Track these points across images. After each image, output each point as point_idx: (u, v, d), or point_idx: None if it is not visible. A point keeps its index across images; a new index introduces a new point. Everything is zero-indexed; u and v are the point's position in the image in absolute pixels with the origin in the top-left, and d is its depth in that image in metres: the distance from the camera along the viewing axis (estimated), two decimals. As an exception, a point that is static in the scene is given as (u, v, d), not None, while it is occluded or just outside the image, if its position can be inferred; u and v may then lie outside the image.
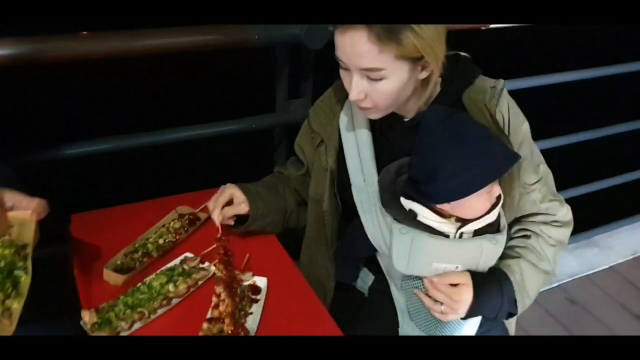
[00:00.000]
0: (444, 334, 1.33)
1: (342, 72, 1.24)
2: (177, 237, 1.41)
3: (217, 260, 1.32)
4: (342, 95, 1.39)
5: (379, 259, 1.38)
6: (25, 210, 1.07)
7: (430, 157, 1.18)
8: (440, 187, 1.16)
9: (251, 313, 1.22)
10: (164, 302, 1.21)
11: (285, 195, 1.53)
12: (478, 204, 1.20)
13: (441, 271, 1.25)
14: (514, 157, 1.18)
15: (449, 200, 1.18)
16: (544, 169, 1.37)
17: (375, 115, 1.28)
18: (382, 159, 1.34)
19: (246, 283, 1.29)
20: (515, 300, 1.30)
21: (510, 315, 1.33)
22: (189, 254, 1.37)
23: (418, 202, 1.22)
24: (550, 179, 1.39)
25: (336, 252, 1.47)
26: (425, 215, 1.22)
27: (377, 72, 1.16)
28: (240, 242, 1.45)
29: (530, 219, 1.38)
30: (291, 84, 1.76)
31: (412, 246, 1.23)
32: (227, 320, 1.15)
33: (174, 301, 1.23)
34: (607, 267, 2.88)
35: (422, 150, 1.20)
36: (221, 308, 1.19)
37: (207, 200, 1.52)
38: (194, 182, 1.58)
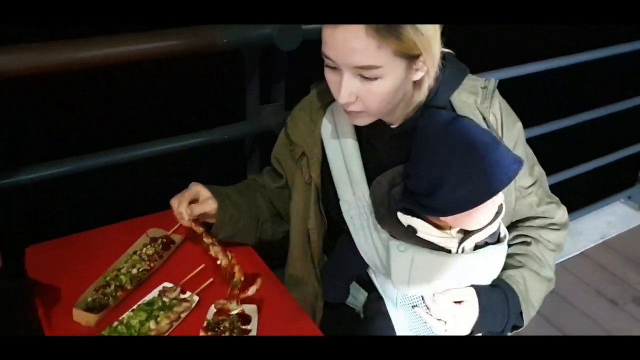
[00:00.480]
0: None
1: (328, 72, 1.13)
2: (152, 265, 1.29)
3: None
4: (324, 102, 1.29)
5: (372, 276, 1.28)
6: None
7: (433, 166, 1.08)
8: (446, 199, 1.06)
9: (243, 345, 1.10)
10: (146, 341, 1.09)
11: (258, 202, 1.41)
12: (482, 214, 1.12)
13: (444, 288, 1.17)
14: (521, 162, 1.10)
15: (455, 212, 1.08)
16: (539, 170, 1.31)
17: (363, 121, 1.18)
18: (370, 170, 1.24)
19: (234, 312, 1.17)
20: (521, 313, 1.24)
21: (515, 327, 1.26)
22: (167, 284, 1.24)
23: (418, 217, 1.13)
24: (544, 180, 1.33)
25: (323, 271, 1.36)
26: (426, 231, 1.13)
27: (373, 70, 1.06)
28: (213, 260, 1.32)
29: (528, 223, 1.32)
30: (261, 89, 1.64)
31: (412, 264, 1.13)
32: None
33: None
34: (578, 253, 2.89)
35: (423, 160, 1.10)
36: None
37: (174, 219, 1.39)
38: (163, 202, 1.45)
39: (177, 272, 1.28)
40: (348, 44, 1.03)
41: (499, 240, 1.19)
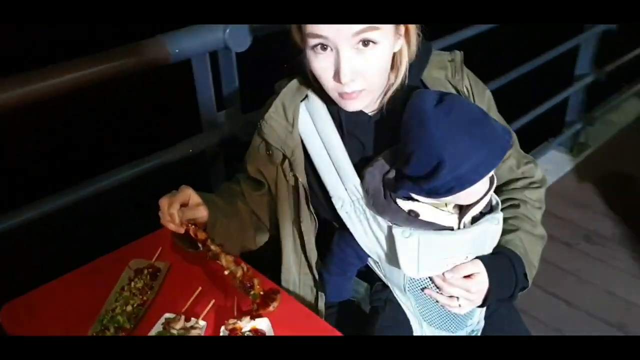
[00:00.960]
0: (463, 326, 1.27)
1: (318, 58, 1.11)
2: (145, 298, 1.22)
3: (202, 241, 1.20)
4: (296, 101, 1.25)
5: (374, 266, 1.27)
6: None
7: (432, 147, 1.06)
8: (448, 179, 1.05)
9: (266, 361, 1.06)
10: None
11: (240, 210, 1.35)
12: (479, 187, 1.12)
13: (451, 266, 1.17)
14: (510, 132, 1.11)
15: (459, 190, 1.07)
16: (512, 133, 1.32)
17: (362, 103, 1.16)
18: (356, 162, 1.22)
19: (246, 329, 1.13)
20: (525, 274, 1.26)
21: (522, 289, 1.28)
22: (169, 315, 1.17)
23: (417, 200, 1.13)
24: (517, 141, 1.35)
25: (323, 272, 1.32)
26: (428, 213, 1.13)
27: (373, 31, 1.05)
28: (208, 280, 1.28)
29: (512, 186, 1.35)
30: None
31: (419, 248, 1.13)
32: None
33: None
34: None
35: (420, 142, 1.08)
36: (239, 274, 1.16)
37: (152, 245, 1.34)
38: (133, 230, 1.37)
39: (173, 300, 1.22)
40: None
41: (492, 209, 1.20)
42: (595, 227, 2.80)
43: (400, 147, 1.14)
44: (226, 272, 1.18)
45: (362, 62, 1.09)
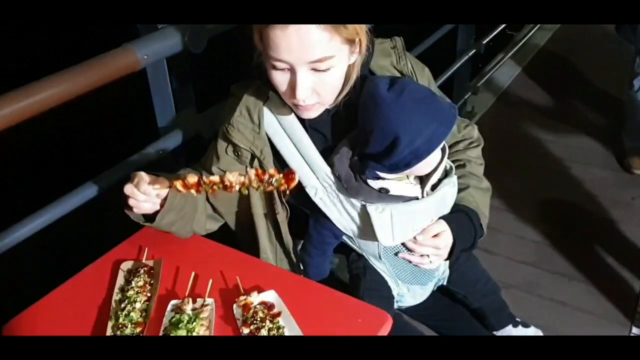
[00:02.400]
0: (432, 278, 1.46)
1: (277, 74, 1.19)
2: (150, 294, 1.27)
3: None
4: (258, 102, 1.34)
5: (348, 241, 1.41)
6: None
7: (389, 126, 1.20)
8: (405, 153, 1.20)
9: (283, 327, 1.17)
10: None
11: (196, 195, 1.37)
12: (431, 159, 1.27)
13: (420, 230, 1.34)
14: (455, 107, 1.27)
15: (416, 163, 1.23)
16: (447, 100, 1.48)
17: (315, 113, 1.27)
18: (321, 152, 1.34)
19: (256, 303, 1.22)
20: (481, 224, 1.45)
21: (480, 237, 1.47)
22: (174, 301, 1.24)
23: (386, 178, 1.28)
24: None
25: (302, 256, 1.45)
26: (397, 188, 1.29)
27: (327, 61, 1.15)
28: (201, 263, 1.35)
29: (454, 148, 1.52)
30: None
31: (392, 219, 1.29)
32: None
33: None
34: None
35: (376, 125, 1.22)
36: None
37: (135, 247, 1.40)
38: (115, 237, 1.41)
39: (172, 291, 1.30)
40: (303, 40, 1.11)
41: (447, 174, 1.38)
42: (498, 183, 3.11)
43: (360, 131, 1.29)
44: (237, 187, 1.19)
45: (318, 82, 1.18)
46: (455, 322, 1.57)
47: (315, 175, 1.34)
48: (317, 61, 1.14)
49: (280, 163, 1.36)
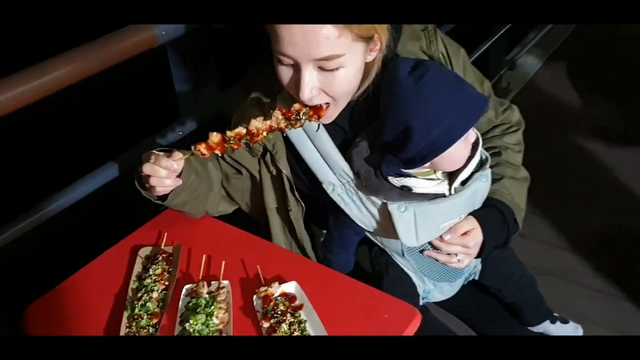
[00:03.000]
0: (461, 275, 1.37)
1: (283, 70, 1.10)
2: (167, 283, 1.22)
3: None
4: (273, 93, 1.25)
5: (370, 236, 1.33)
6: None
7: (402, 113, 1.09)
8: (420, 145, 1.09)
9: (305, 321, 1.11)
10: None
11: (211, 174, 1.34)
12: (457, 154, 1.16)
13: (447, 228, 1.24)
14: (486, 99, 1.14)
15: (433, 157, 1.11)
16: (487, 83, 1.36)
17: (328, 118, 1.17)
18: (339, 146, 1.24)
19: (277, 294, 1.17)
20: (515, 219, 1.33)
21: (514, 233, 1.35)
22: (189, 286, 1.20)
23: (408, 176, 1.17)
24: (492, 89, 1.39)
25: (324, 251, 1.37)
26: (420, 185, 1.18)
27: (335, 59, 1.04)
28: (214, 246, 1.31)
29: (490, 134, 1.39)
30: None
31: (416, 219, 1.19)
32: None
33: (227, 329, 1.10)
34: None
35: (392, 110, 1.11)
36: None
37: (155, 231, 1.35)
38: (132, 220, 1.36)
39: (186, 275, 1.26)
40: (307, 36, 1.01)
41: (482, 165, 1.25)
42: (533, 162, 2.99)
43: (378, 121, 1.18)
44: (265, 134, 1.13)
45: (325, 82, 1.08)
46: (489, 315, 1.48)
47: (332, 171, 1.24)
48: (323, 59, 1.04)
49: (295, 157, 1.28)
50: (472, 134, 1.17)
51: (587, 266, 2.41)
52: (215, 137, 1.12)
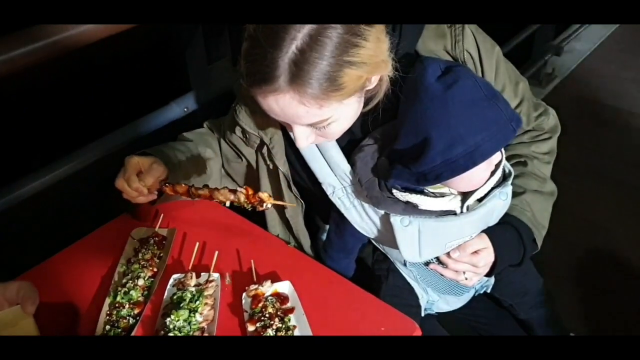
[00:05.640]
0: (469, 289, 1.26)
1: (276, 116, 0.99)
2: (156, 269, 1.16)
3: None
4: None
5: (374, 241, 1.23)
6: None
7: (422, 123, 0.95)
8: (437, 161, 0.94)
9: (294, 327, 1.03)
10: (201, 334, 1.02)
11: (207, 163, 1.27)
12: (477, 175, 1.02)
13: (455, 246, 1.12)
14: (519, 120, 0.98)
15: (448, 177, 0.96)
16: (523, 84, 1.20)
17: (331, 140, 1.09)
18: (343, 147, 1.13)
19: (268, 294, 1.09)
20: (534, 240, 1.19)
21: (531, 253, 1.21)
22: (176, 275, 1.14)
23: (414, 191, 1.04)
24: (528, 91, 1.22)
25: (324, 255, 1.28)
26: (427, 204, 1.04)
27: (323, 122, 0.95)
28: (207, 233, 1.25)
29: (517, 140, 1.25)
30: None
31: (420, 235, 1.07)
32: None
33: (211, 328, 1.03)
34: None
35: (412, 115, 0.98)
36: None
37: (152, 212, 1.29)
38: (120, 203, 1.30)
39: (177, 262, 1.20)
40: (286, 111, 0.92)
41: (504, 180, 1.09)
42: (569, 157, 2.83)
43: (395, 123, 1.05)
44: (228, 204, 1.09)
45: (319, 132, 1.01)
46: (500, 328, 1.36)
47: (333, 173, 1.14)
48: (310, 124, 0.97)
49: (295, 154, 1.17)
50: (497, 155, 1.03)
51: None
52: (180, 188, 1.11)
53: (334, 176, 1.13)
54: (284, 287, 1.10)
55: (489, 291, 1.30)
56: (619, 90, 3.35)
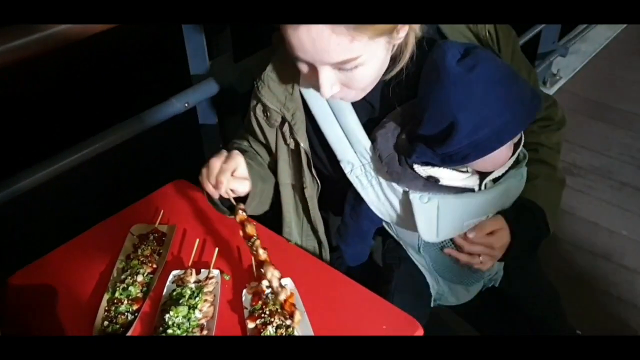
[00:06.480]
0: (480, 279, 1.26)
1: (300, 65, 1.00)
2: (155, 266, 1.15)
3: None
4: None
5: (386, 226, 1.22)
6: None
7: (448, 107, 0.96)
8: (463, 144, 0.97)
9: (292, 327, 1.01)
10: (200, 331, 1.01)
11: (267, 170, 1.26)
12: (500, 155, 1.04)
13: (472, 226, 1.12)
14: (540, 97, 1.01)
15: (475, 158, 0.99)
16: (534, 74, 1.23)
17: (353, 99, 1.08)
18: (365, 123, 1.13)
19: (269, 291, 1.07)
20: (547, 223, 1.20)
21: (545, 238, 1.22)
22: (176, 271, 1.12)
23: (437, 165, 1.05)
24: (537, 80, 1.27)
25: (338, 239, 1.28)
26: (449, 177, 1.06)
27: (352, 62, 0.94)
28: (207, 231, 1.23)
29: (528, 129, 1.21)
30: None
31: (439, 212, 1.07)
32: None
33: (210, 325, 1.02)
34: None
35: (436, 100, 0.98)
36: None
37: (152, 207, 1.28)
38: (126, 196, 1.28)
39: (177, 258, 1.18)
40: (317, 45, 0.91)
41: (518, 162, 1.13)
42: (574, 159, 2.81)
43: (416, 105, 1.06)
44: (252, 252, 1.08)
45: (345, 78, 1.00)
46: (506, 328, 1.34)
47: (353, 149, 1.13)
48: (338, 63, 0.95)
49: (315, 131, 1.17)
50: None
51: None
52: (251, 228, 1.09)
53: (354, 153, 1.13)
54: (285, 284, 1.08)
55: (497, 285, 1.29)
56: (624, 92, 3.33)
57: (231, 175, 1.08)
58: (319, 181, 1.21)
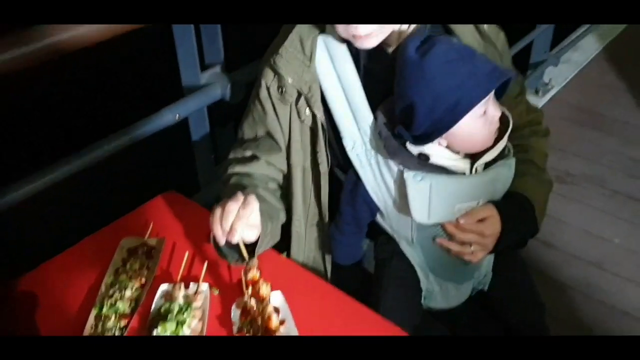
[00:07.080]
0: (470, 277, 1.27)
1: None
2: (144, 280, 1.14)
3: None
4: (313, 33, 1.18)
5: (380, 220, 1.25)
6: None
7: (406, 91, 1.06)
8: (426, 124, 1.05)
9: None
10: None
11: (277, 204, 1.27)
12: (474, 131, 1.09)
13: (463, 211, 1.15)
14: (503, 74, 1.06)
15: (438, 135, 1.07)
16: (522, 78, 1.30)
17: (374, 41, 1.09)
18: (372, 101, 1.17)
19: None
20: (535, 218, 1.23)
21: (532, 235, 1.25)
22: (164, 286, 1.12)
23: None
24: (525, 88, 1.33)
25: (333, 232, 1.29)
26: (440, 154, 1.11)
27: None
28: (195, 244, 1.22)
29: (518, 132, 1.29)
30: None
31: (431, 192, 1.11)
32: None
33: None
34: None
35: (397, 87, 1.08)
36: None
37: (142, 220, 1.27)
38: (117, 208, 1.28)
39: (165, 272, 1.17)
40: None
41: (505, 155, 1.17)
42: (566, 167, 2.82)
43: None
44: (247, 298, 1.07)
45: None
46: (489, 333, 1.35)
47: (357, 125, 1.17)
48: None
49: (324, 105, 1.20)
50: (493, 110, 1.10)
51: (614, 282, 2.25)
52: (254, 274, 1.09)
53: (357, 130, 1.17)
54: (276, 298, 1.08)
55: (486, 289, 1.31)
56: (615, 101, 3.34)
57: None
58: (329, 158, 1.23)
